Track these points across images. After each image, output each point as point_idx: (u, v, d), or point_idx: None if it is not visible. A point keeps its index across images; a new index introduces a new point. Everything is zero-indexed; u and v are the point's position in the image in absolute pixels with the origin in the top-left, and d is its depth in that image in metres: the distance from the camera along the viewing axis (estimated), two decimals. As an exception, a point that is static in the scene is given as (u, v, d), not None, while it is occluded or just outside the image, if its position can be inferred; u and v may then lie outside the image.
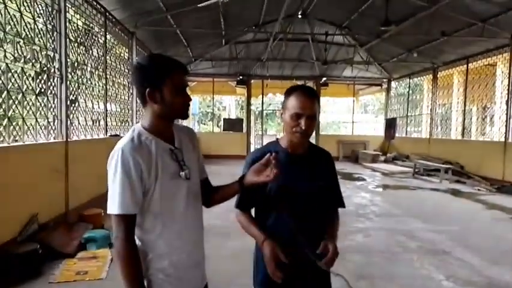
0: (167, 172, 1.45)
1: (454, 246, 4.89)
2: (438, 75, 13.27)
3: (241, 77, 16.00)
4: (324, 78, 16.53)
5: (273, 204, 1.71)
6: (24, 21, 4.71)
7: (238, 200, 1.79)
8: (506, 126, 9.66)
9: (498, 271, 4.10)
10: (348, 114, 18.39)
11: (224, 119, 19.28)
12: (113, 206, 1.36)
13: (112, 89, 7.68)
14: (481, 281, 3.86)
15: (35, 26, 4.92)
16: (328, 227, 1.76)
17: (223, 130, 17.15)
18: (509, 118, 9.57)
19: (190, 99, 1.52)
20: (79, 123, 6.15)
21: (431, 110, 13.60)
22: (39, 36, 5.02)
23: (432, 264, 4.29)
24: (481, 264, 4.28)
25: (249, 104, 16.72)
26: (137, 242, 1.45)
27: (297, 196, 1.68)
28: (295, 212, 1.70)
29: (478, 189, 9.34)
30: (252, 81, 16.40)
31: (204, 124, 26.74)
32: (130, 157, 1.36)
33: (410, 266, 4.25)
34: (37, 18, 4.96)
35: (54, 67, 5.34)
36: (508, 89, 9.64)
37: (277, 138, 1.86)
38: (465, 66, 11.69)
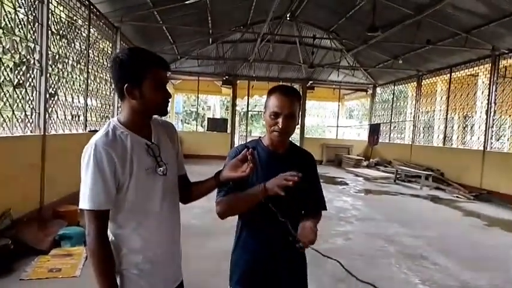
0: (143, 167, 1.42)
1: (432, 251, 4.96)
2: (422, 83, 13.51)
3: (227, 77, 15.95)
4: (311, 82, 16.63)
5: None
6: (5, 11, 4.56)
7: (218, 191, 1.70)
8: (485, 135, 9.89)
9: (473, 276, 4.17)
10: (333, 119, 18.52)
11: (208, 118, 19.18)
12: (85, 202, 1.33)
13: (94, 84, 7.52)
14: (456, 285, 3.92)
15: (16, 16, 4.77)
16: (308, 216, 1.74)
17: (207, 130, 17.03)
18: (488, 128, 9.80)
19: (170, 96, 1.49)
20: (57, 117, 5.98)
21: (414, 117, 13.82)
22: (19, 26, 4.87)
23: (410, 268, 4.34)
24: (457, 269, 4.35)
25: (234, 104, 16.67)
26: (111, 236, 1.42)
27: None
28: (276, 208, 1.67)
29: (457, 197, 9.52)
30: (238, 81, 16.36)
31: (188, 123, 26.56)
32: (103, 151, 1.32)
33: (389, 270, 4.29)
34: (18, 9, 4.81)
35: (34, 58, 5.19)
36: (488, 100, 9.88)
37: (260, 137, 1.85)
38: (448, 75, 11.92)
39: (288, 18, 11.51)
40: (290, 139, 1.87)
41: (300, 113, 1.82)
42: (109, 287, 1.35)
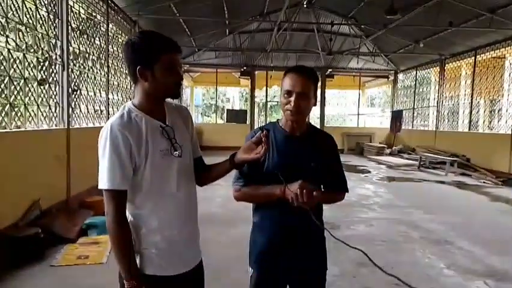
0: (158, 149, 1.44)
1: (457, 237, 4.85)
2: (445, 67, 13.10)
3: (245, 68, 15.92)
4: (330, 70, 16.39)
5: (269, 183, 1.69)
6: (26, 8, 4.69)
7: (237, 176, 1.76)
8: (513, 118, 9.53)
9: (499, 260, 4.07)
10: (354, 107, 18.25)
11: (227, 110, 19.22)
12: (103, 181, 1.36)
13: (114, 78, 7.66)
14: (481, 269, 3.83)
15: (37, 13, 4.90)
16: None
17: (227, 121, 17.12)
18: (517, 110, 9.44)
19: (182, 78, 1.50)
20: (80, 111, 6.15)
21: (437, 102, 13.46)
22: (40, 23, 5.00)
23: (434, 253, 4.26)
24: (482, 254, 4.24)
25: (252, 95, 16.64)
26: (130, 217, 1.45)
27: (292, 175, 1.65)
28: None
29: (484, 182, 9.25)
30: (256, 72, 16.31)
31: (208, 116, 26.72)
32: (119, 133, 1.35)
33: (412, 255, 4.23)
34: (39, 6, 4.94)
35: (56, 54, 5.33)
36: (516, 81, 9.50)
37: (278, 120, 1.85)
38: (473, 58, 11.51)
39: (305, 5, 11.33)
40: (310, 122, 1.86)
41: (318, 96, 1.79)
42: (127, 264, 1.38)
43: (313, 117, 18.86)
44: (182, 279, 1.51)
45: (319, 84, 1.78)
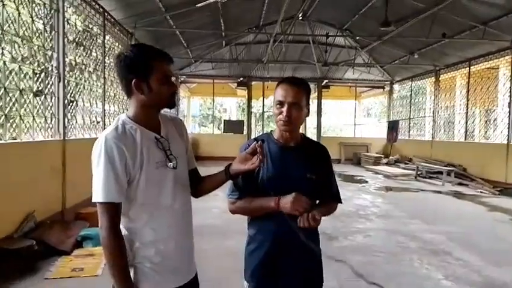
0: (153, 161, 1.43)
1: (454, 247, 4.84)
2: (440, 78, 13.22)
3: (241, 79, 16.01)
4: (326, 81, 16.51)
5: (264, 194, 1.68)
6: (22, 20, 4.71)
7: (231, 189, 1.75)
8: (508, 128, 9.59)
9: (497, 271, 4.05)
10: (351, 117, 18.33)
11: (224, 120, 19.27)
12: (97, 194, 1.35)
13: (111, 89, 7.66)
14: (480, 280, 3.81)
15: (33, 25, 4.92)
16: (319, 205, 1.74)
17: (224, 132, 17.14)
18: (512, 120, 9.51)
19: (176, 88, 1.52)
20: (76, 122, 6.13)
21: (433, 112, 13.54)
22: (37, 35, 5.02)
23: (432, 264, 4.24)
24: (481, 265, 4.22)
25: (249, 106, 16.70)
26: (124, 231, 1.43)
27: (286, 186, 1.64)
28: None
29: (481, 192, 9.27)
30: (253, 83, 16.40)
31: (205, 126, 26.75)
32: (113, 145, 1.35)
33: (410, 266, 4.20)
34: (35, 18, 4.96)
35: (52, 66, 5.34)
36: (510, 92, 9.59)
37: (271, 131, 1.85)
38: (467, 68, 11.63)
39: (300, 18, 11.48)
40: (303, 133, 1.86)
41: (310, 106, 1.80)
42: (122, 279, 1.36)
43: (310, 127, 18.93)
44: (177, 293, 1.49)
45: (314, 94, 1.79)
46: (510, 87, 9.61)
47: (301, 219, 1.51)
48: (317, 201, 1.78)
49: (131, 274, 1.41)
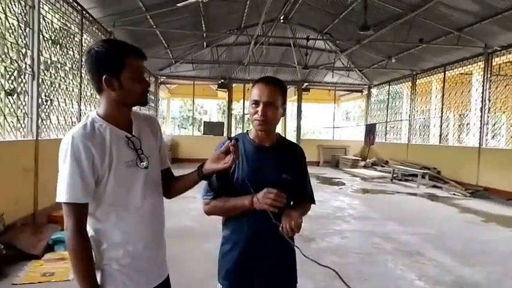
0: (123, 160, 1.40)
1: (428, 248, 4.95)
2: (417, 82, 13.55)
3: (222, 81, 15.97)
4: (306, 84, 16.66)
5: (239, 194, 1.68)
6: (-5, 16, 4.56)
7: (206, 190, 1.74)
8: (480, 133, 9.91)
9: (468, 271, 4.16)
10: (330, 121, 18.54)
11: (204, 122, 19.14)
12: (62, 195, 1.31)
13: (87, 89, 7.50)
14: (452, 280, 3.91)
15: (6, 22, 4.76)
16: (295, 207, 1.74)
17: (204, 133, 17.02)
18: (483, 125, 9.83)
19: (149, 85, 1.48)
20: (51, 122, 5.97)
21: (409, 116, 13.85)
22: (10, 32, 4.86)
23: (406, 264, 4.32)
24: (453, 265, 4.33)
25: (230, 108, 16.65)
26: (91, 232, 1.39)
27: (261, 187, 1.64)
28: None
29: (454, 194, 9.52)
30: (234, 85, 16.38)
31: (185, 128, 26.54)
32: (80, 144, 1.31)
33: (385, 267, 4.27)
34: (9, 14, 4.80)
35: (26, 64, 5.18)
36: (482, 97, 9.91)
37: (247, 131, 1.84)
38: (442, 74, 11.96)
39: (281, 21, 11.55)
40: (279, 133, 1.86)
41: (288, 108, 1.80)
42: (88, 281, 1.32)
43: (290, 130, 19.03)
44: (147, 297, 1.46)
45: (294, 97, 1.78)
46: (482, 93, 9.93)
47: (284, 225, 1.51)
48: (291, 203, 1.78)
49: (98, 277, 1.37)
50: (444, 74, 11.85)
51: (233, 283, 1.73)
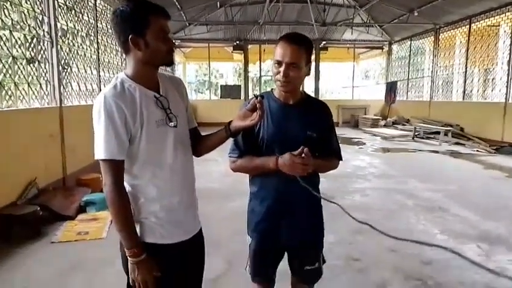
0: (153, 119, 1.42)
1: (451, 204, 4.94)
2: (440, 37, 12.98)
3: (237, 42, 15.67)
4: (324, 42, 16.19)
5: (264, 153, 1.70)
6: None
7: (232, 148, 1.77)
8: (507, 87, 9.54)
9: (492, 225, 4.16)
10: (349, 80, 18.14)
11: (221, 85, 19.03)
12: (100, 152, 1.35)
13: (105, 55, 7.50)
14: (475, 233, 3.92)
15: (21, -13, 4.74)
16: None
17: (221, 97, 16.98)
18: (510, 79, 9.44)
19: (174, 45, 1.48)
20: (72, 89, 6.06)
21: (432, 72, 13.40)
22: (25, -2, 4.84)
23: (428, 220, 4.35)
24: (477, 219, 4.34)
25: (246, 70, 16.46)
26: (128, 187, 1.45)
27: (287, 144, 1.65)
28: None
29: (477, 151, 9.36)
30: (249, 46, 16.07)
31: (201, 93, 26.45)
32: (113, 103, 1.33)
33: (407, 222, 4.31)
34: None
35: (44, 31, 5.19)
36: (510, 50, 9.45)
37: (272, 89, 1.83)
38: (467, 26, 11.39)
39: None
40: (305, 91, 1.83)
41: (312, 65, 1.76)
42: (128, 233, 1.39)
43: (308, 90, 18.77)
44: (183, 247, 1.53)
45: (312, 56, 1.74)
46: (510, 45, 9.46)
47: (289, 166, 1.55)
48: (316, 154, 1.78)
49: (138, 229, 1.44)
50: (470, 27, 11.28)
51: (261, 235, 1.80)
